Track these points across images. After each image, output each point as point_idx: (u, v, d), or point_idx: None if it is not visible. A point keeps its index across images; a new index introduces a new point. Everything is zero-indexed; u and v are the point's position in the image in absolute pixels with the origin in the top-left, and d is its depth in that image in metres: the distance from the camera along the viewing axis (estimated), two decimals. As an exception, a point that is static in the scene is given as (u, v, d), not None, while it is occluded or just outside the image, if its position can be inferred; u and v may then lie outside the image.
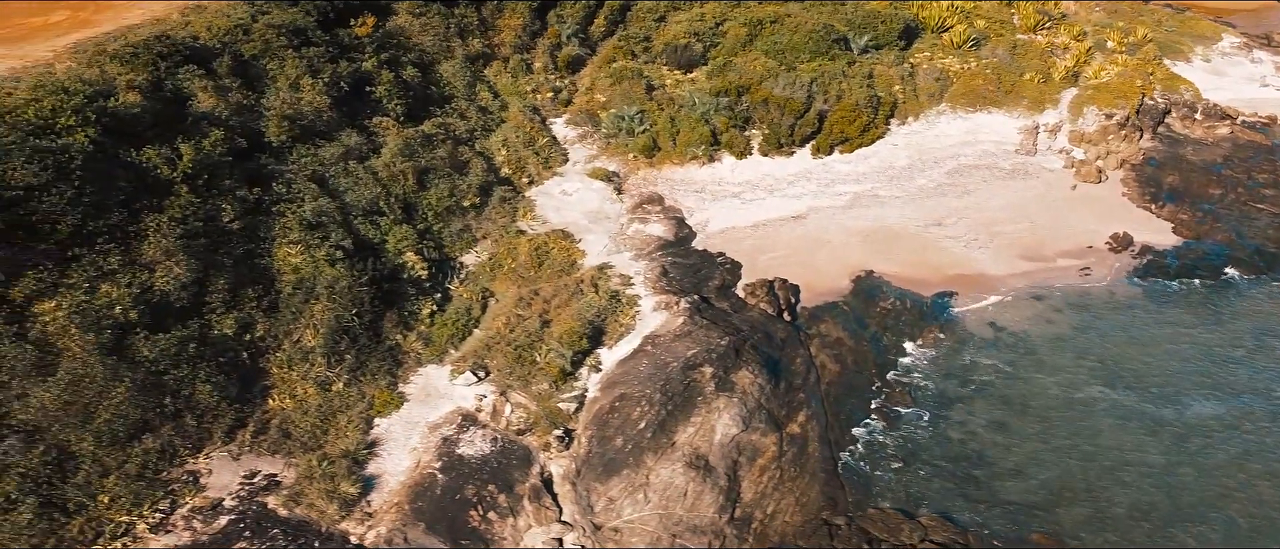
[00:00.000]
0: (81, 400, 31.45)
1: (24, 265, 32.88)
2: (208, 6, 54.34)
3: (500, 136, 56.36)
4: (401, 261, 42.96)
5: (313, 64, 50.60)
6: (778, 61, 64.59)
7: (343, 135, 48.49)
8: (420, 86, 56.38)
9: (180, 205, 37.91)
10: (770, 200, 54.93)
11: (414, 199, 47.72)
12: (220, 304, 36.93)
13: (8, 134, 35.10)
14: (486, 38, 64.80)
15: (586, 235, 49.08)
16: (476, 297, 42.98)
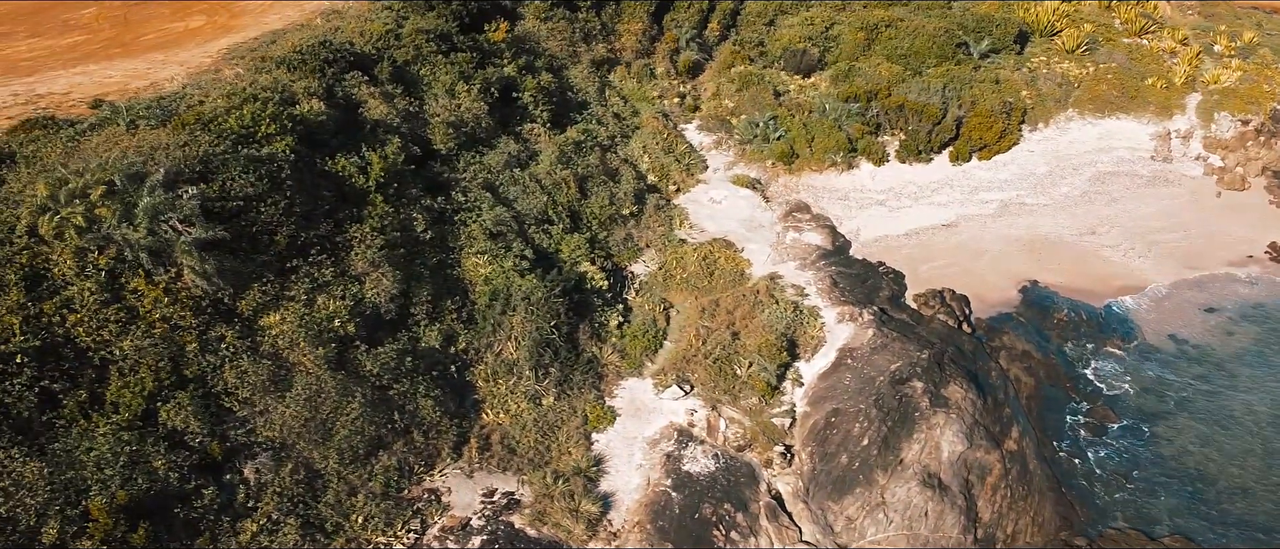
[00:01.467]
0: (319, 416, 30.75)
1: (249, 278, 32.16)
2: (345, 11, 53.72)
3: (639, 143, 55.60)
4: (581, 272, 42.11)
5: (463, 70, 49.86)
6: (903, 66, 63.74)
7: (502, 142, 47.75)
8: (559, 92, 55.57)
9: (378, 215, 37.20)
10: (917, 208, 54.09)
11: (578, 207, 46.98)
12: (424, 316, 36.23)
13: (217, 143, 34.37)
14: (609, 43, 64.10)
15: (747, 244, 48.29)
16: (657, 307, 42.19)
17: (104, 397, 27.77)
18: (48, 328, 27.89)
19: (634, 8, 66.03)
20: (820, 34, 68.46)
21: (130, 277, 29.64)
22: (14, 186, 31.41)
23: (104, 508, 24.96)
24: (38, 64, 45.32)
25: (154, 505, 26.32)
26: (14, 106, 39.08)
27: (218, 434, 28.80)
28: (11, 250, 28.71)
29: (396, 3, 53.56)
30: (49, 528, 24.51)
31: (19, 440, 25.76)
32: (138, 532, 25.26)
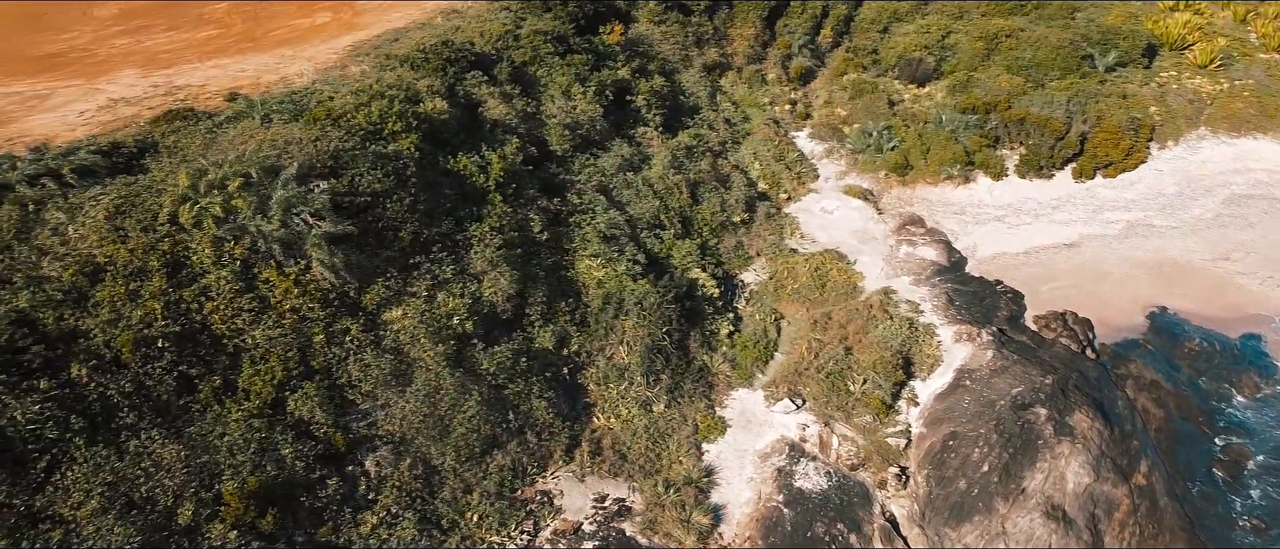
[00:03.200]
0: (438, 412, 31.04)
1: (374, 273, 32.69)
2: (465, 11, 54.40)
3: (750, 149, 55.02)
4: (692, 278, 41.77)
5: (579, 72, 50.00)
6: (1024, 78, 61.68)
7: (615, 145, 47.73)
8: (671, 96, 55.35)
9: (497, 215, 37.48)
10: (1036, 226, 52.21)
11: (689, 213, 46.68)
12: (538, 317, 36.34)
13: (347, 139, 35.02)
14: (720, 47, 63.67)
15: (859, 257, 47.28)
16: (768, 318, 41.57)
17: (237, 383, 28.51)
18: (186, 314, 28.77)
19: (746, 12, 65.46)
20: (936, 42, 66.74)
21: (263, 267, 30.39)
22: (157, 175, 32.53)
23: (236, 493, 25.59)
24: (175, 57, 47.03)
25: (281, 493, 26.89)
26: (155, 98, 40.59)
27: (341, 426, 29.32)
28: (154, 238, 29.69)
29: (515, 3, 54.11)
30: (184, 509, 25.23)
31: (158, 422, 26.60)
32: (266, 518, 25.83)
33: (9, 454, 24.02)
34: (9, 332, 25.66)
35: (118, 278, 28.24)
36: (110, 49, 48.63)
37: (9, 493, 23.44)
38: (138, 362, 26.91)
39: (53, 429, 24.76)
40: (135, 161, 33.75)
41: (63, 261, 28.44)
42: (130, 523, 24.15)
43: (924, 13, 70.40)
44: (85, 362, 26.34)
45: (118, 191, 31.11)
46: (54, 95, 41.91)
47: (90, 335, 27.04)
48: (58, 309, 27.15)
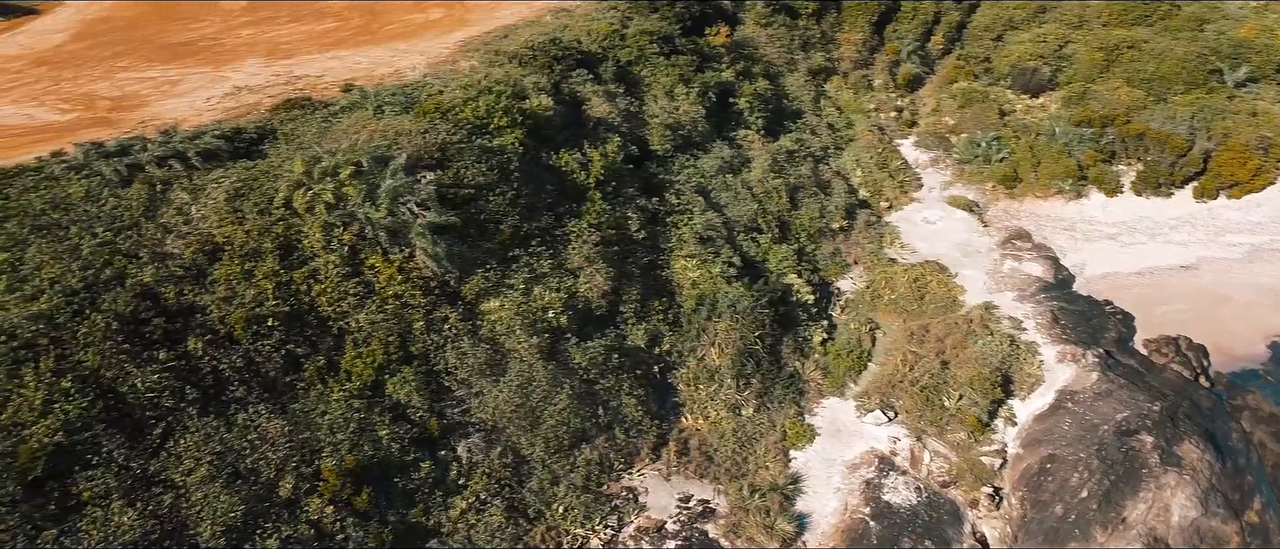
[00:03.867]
0: (529, 403, 31.55)
1: (474, 264, 33.40)
2: (573, 10, 55.04)
3: (852, 156, 54.30)
4: (788, 283, 41.46)
5: (683, 73, 50.10)
6: (1145, 91, 59.25)
7: (716, 147, 47.70)
8: (774, 99, 55.03)
9: (596, 211, 37.88)
10: (1152, 245, 50.17)
11: (788, 217, 46.34)
12: (632, 314, 36.60)
13: (454, 133, 35.85)
14: (827, 52, 62.97)
15: (961, 269, 46.17)
16: (863, 327, 40.97)
17: (339, 364, 29.55)
18: (295, 295, 29.95)
19: (855, 17, 64.61)
20: (1053, 52, 64.69)
21: (369, 253, 31.41)
22: (274, 161, 33.93)
23: (334, 469, 26.55)
24: (296, 47, 48.92)
25: (376, 473, 27.77)
26: (275, 86, 42.31)
27: (436, 411, 30.10)
28: (269, 220, 30.99)
29: (622, 3, 54.53)
30: (285, 483, 26.28)
31: (265, 398, 27.77)
32: (361, 495, 26.70)
33: (129, 420, 25.41)
34: (134, 304, 27.12)
35: (234, 257, 29.59)
36: (236, 39, 50.89)
37: (127, 456, 24.76)
38: (249, 338, 28.14)
39: (169, 398, 26.10)
40: (255, 147, 35.26)
41: (185, 240, 29.94)
42: (235, 492, 25.27)
43: (1041, 21, 68.25)
44: (201, 336, 27.67)
45: (238, 175, 32.59)
46: (184, 81, 44.11)
47: (206, 311, 28.39)
48: (179, 285, 28.58)
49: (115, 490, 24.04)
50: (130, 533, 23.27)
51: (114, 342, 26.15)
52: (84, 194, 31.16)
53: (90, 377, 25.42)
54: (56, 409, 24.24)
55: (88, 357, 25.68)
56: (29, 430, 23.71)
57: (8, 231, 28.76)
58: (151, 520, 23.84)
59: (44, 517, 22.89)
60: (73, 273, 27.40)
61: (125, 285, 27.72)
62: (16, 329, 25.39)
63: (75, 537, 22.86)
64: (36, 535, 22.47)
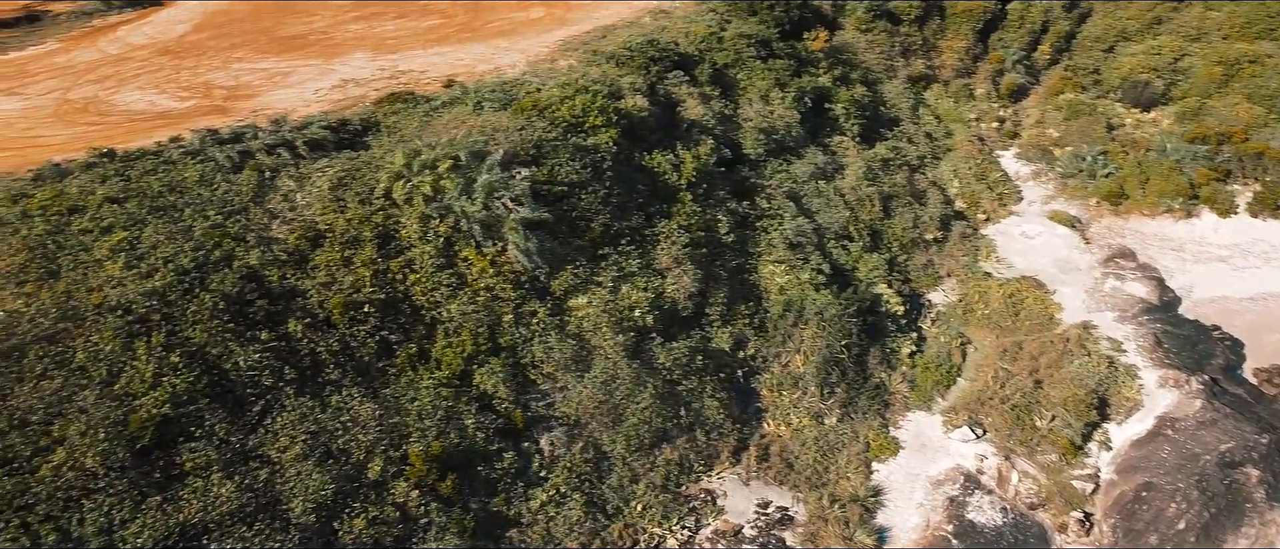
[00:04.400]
0: (612, 400, 31.85)
1: (564, 260, 33.86)
2: (672, 11, 55.26)
3: (950, 166, 53.22)
4: (877, 293, 40.91)
5: (779, 77, 49.88)
6: (1266, 109, 56.57)
7: (809, 152, 47.34)
8: (871, 106, 54.32)
9: (686, 213, 38.02)
10: (1266, 269, 47.83)
11: (880, 226, 45.70)
12: (718, 317, 36.63)
13: (550, 130, 36.41)
14: (928, 59, 61.89)
15: (1059, 286, 44.83)
16: (954, 341, 40.13)
17: (430, 353, 30.34)
18: (391, 284, 30.87)
19: (959, 24, 63.35)
20: (1167, 65, 62.30)
21: (463, 246, 32.16)
22: (376, 152, 35.03)
23: (421, 455, 27.27)
24: (401, 43, 50.32)
25: (461, 460, 28.40)
26: (380, 80, 43.63)
27: (521, 403, 30.64)
28: (370, 210, 32.02)
29: (721, 6, 54.58)
30: (374, 464, 27.09)
31: (358, 381, 28.69)
32: (446, 481, 27.36)
33: (231, 396, 26.57)
34: (240, 285, 28.35)
35: (335, 245, 30.66)
36: (345, 33, 52.60)
37: (228, 430, 25.89)
38: (345, 323, 29.12)
39: (268, 377, 27.19)
40: (359, 138, 36.45)
41: (289, 226, 31.15)
42: (326, 471, 26.18)
43: (1156, 33, 65.82)
44: (301, 319, 28.76)
45: (341, 165, 33.75)
46: (294, 73, 45.83)
47: (307, 295, 29.49)
48: (282, 269, 29.76)
49: (216, 463, 25.12)
50: (228, 504, 24.30)
51: (220, 320, 27.39)
52: (198, 178, 32.69)
53: (197, 353, 26.66)
54: (165, 382, 25.48)
55: (195, 333, 26.94)
56: (139, 401, 24.99)
57: (128, 211, 30.36)
58: (248, 493, 24.85)
59: (149, 484, 24.07)
60: (185, 253, 28.79)
61: (233, 267, 28.99)
62: (132, 305, 26.80)
63: (176, 505, 23.97)
64: (142, 501, 23.66)
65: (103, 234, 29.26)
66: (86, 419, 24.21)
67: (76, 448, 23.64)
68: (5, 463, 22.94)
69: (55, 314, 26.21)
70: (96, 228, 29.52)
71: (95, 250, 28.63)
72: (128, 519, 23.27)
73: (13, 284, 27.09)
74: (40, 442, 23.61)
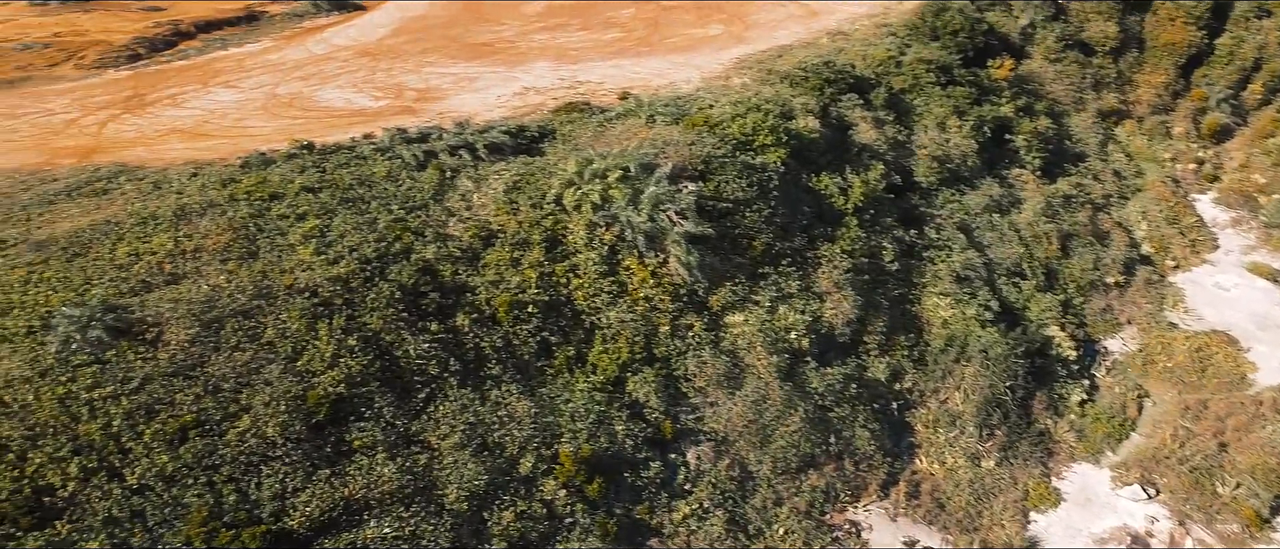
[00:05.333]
0: (762, 420, 31.73)
1: (723, 276, 34.03)
2: (851, 34, 54.56)
3: (1139, 207, 50.24)
4: (1048, 335, 39.08)
5: (958, 105, 48.38)
6: None
7: (985, 184, 45.72)
8: (1055, 139, 51.93)
9: (850, 238, 37.52)
10: None
11: (1056, 266, 43.63)
12: (875, 346, 35.91)
13: (719, 147, 36.68)
14: (1121, 93, 58.57)
15: (1254, 344, 41.50)
16: (1130, 393, 37.88)
17: (587, 357, 31.13)
18: (555, 287, 31.90)
19: (1159, 58, 59.73)
20: (1400, 112, 56.68)
21: (626, 255, 32.88)
22: (551, 159, 36.29)
23: (571, 456, 27.99)
24: (582, 54, 51.84)
25: (608, 465, 28.97)
26: (560, 89, 45.11)
27: (671, 415, 30.98)
28: (540, 214, 33.21)
29: (902, 31, 53.57)
30: (525, 460, 28.01)
31: (517, 379, 29.75)
32: (593, 484, 27.97)
33: (400, 381, 28.10)
34: (416, 277, 29.99)
35: (505, 245, 31.97)
36: (530, 43, 54.67)
37: (394, 414, 27.38)
38: (509, 321, 30.29)
39: (435, 367, 28.59)
40: (535, 144, 37.85)
41: (465, 224, 32.70)
42: (481, 462, 27.26)
43: (1389, 75, 60.00)
44: (469, 314, 30.14)
45: (517, 169, 35.17)
46: (480, 78, 48.02)
47: (475, 291, 30.85)
48: (455, 264, 31.27)
49: (381, 443, 26.59)
50: (389, 484, 25.67)
51: (395, 309, 29.04)
52: (386, 174, 34.80)
53: (372, 338, 28.34)
54: (342, 363, 27.22)
55: (372, 320, 28.65)
56: (318, 378, 26.79)
57: (321, 201, 32.63)
58: (408, 475, 26.17)
59: (320, 457, 25.74)
60: (369, 243, 30.70)
61: (410, 260, 30.69)
62: (319, 288, 28.79)
63: (343, 479, 25.52)
64: (313, 472, 25.32)
65: (298, 221, 31.56)
66: (271, 391, 26.12)
67: (260, 417, 25.54)
68: (198, 424, 24.99)
69: (251, 291, 28.44)
70: (293, 214, 31.87)
71: (290, 235, 30.90)
72: (299, 488, 24.93)
73: (217, 261, 29.58)
74: (229, 408, 25.63)
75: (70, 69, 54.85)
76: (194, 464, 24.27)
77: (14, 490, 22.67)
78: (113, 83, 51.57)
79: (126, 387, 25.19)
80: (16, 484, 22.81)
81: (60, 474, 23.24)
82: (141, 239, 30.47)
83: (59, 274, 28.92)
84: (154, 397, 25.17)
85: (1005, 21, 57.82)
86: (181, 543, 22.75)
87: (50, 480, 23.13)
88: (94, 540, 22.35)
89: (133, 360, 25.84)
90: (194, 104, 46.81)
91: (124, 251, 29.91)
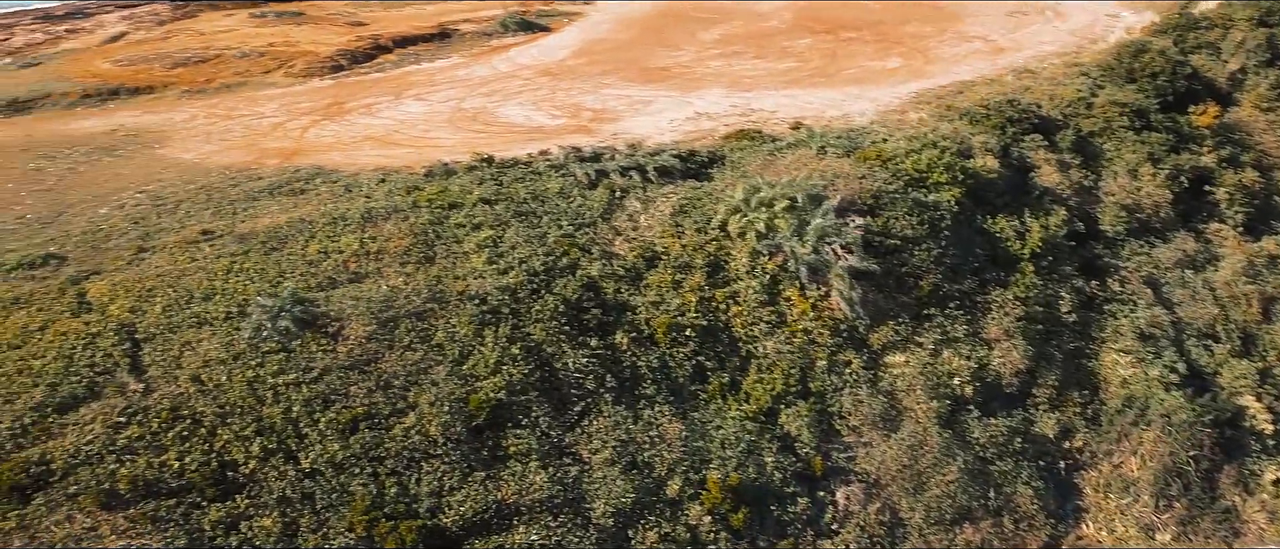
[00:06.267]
0: (917, 466, 30.79)
1: (886, 315, 33.29)
2: (1038, 72, 52.59)
3: (1357, 274, 45.70)
4: (1241, 405, 36.14)
5: (1153, 152, 45.63)
6: None
7: (1178, 237, 42.87)
8: (1262, 195, 48.12)
9: (1025, 284, 36.01)
10: None
11: (1256, 331, 40.32)
12: (1045, 400, 34.23)
13: (891, 182, 35.97)
14: (1344, 148, 53.62)
15: None
16: (1334, 476, 34.44)
17: (741, 385, 31.07)
18: (714, 312, 32.06)
19: (1393, 112, 54.35)
20: None
21: (787, 285, 32.72)
22: (718, 184, 36.60)
23: (718, 483, 27.96)
24: (756, 82, 52.03)
25: (754, 496, 28.75)
26: (732, 116, 45.41)
27: (823, 451, 30.48)
28: (704, 239, 33.51)
29: (1095, 71, 51.20)
30: (673, 483, 28.17)
31: (670, 401, 30.00)
32: (738, 513, 27.84)
33: (557, 393, 28.87)
34: (580, 293, 30.83)
35: (668, 267, 32.43)
36: (705, 69, 55.30)
37: (550, 424, 28.13)
38: (667, 343, 30.63)
39: (592, 382, 29.22)
40: (704, 169, 38.27)
41: (630, 244, 33.39)
42: (629, 480, 27.60)
43: None
44: (628, 332, 30.68)
45: (684, 193, 35.66)
46: (654, 102, 48.92)
47: (635, 311, 31.39)
48: (617, 283, 31.94)
49: (535, 452, 27.34)
50: (539, 492, 26.36)
51: (558, 322, 29.90)
52: (558, 190, 35.97)
53: (534, 348, 29.26)
54: (504, 370, 28.22)
55: (536, 331, 29.59)
56: (481, 383, 27.86)
57: (496, 213, 34.03)
58: (558, 486, 26.79)
59: (477, 459, 26.71)
60: (537, 256, 31.79)
61: (576, 275, 31.57)
62: (488, 296, 30.02)
63: (497, 483, 26.38)
64: (469, 473, 26.30)
65: (473, 230, 33.03)
66: (436, 391, 27.34)
67: (425, 415, 26.76)
68: (368, 417, 26.42)
69: (425, 295, 29.93)
70: (469, 224, 33.38)
71: (465, 243, 32.37)
72: (455, 487, 25.94)
73: (397, 263, 31.30)
74: (397, 404, 26.99)
75: (280, 76, 59.37)
76: (361, 454, 25.64)
77: (203, 462, 24.54)
78: (316, 91, 55.48)
79: (307, 375, 26.94)
80: (206, 457, 24.70)
81: (243, 452, 25.01)
82: (331, 238, 32.60)
83: (257, 266, 31.29)
84: (331, 387, 26.80)
85: (1212, 66, 54.24)
86: (345, 528, 24.05)
87: (234, 456, 24.93)
88: (267, 517, 23.93)
89: (315, 351, 27.63)
90: (386, 114, 49.72)
91: (315, 249, 32.09)
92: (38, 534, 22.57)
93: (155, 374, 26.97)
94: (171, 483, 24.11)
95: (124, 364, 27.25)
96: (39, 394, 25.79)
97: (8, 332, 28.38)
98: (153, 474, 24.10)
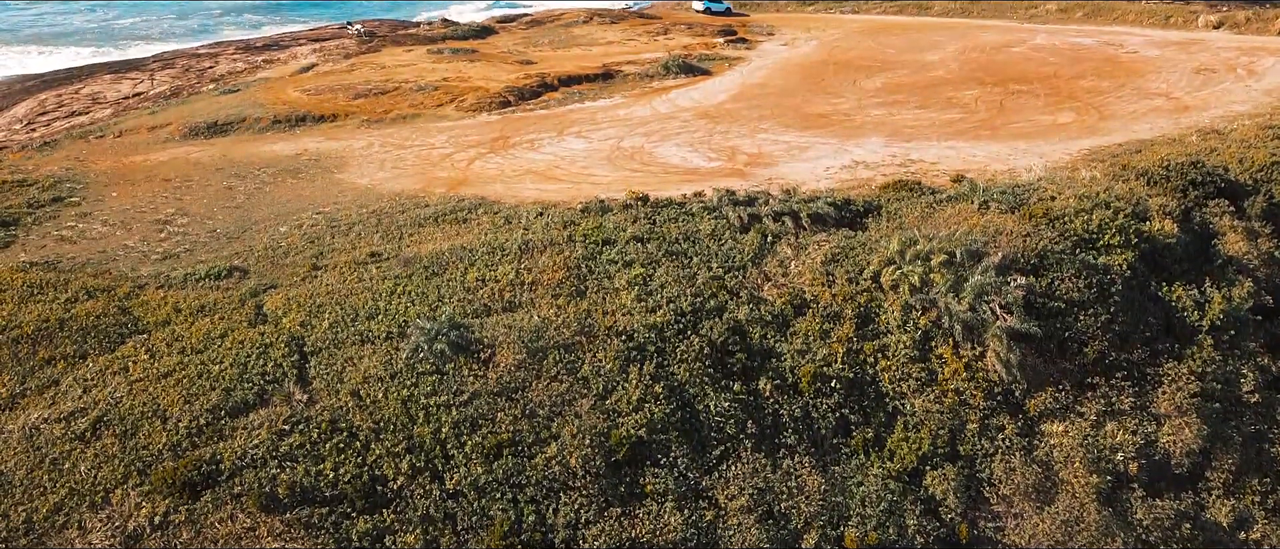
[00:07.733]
0: (1072, 544, 28.99)
1: (1045, 380, 31.70)
2: (1227, 133, 49.37)
3: None
4: None
5: (1358, 223, 41.85)
6: None
7: (1384, 319, 39.02)
8: None
9: (1201, 359, 33.53)
10: None
11: None
12: (1220, 485, 31.64)
13: (1058, 242, 34.43)
14: None
15: None
16: None
17: (885, 442, 30.21)
18: (861, 364, 31.32)
19: None
20: None
21: (940, 343, 31.66)
22: (872, 234, 35.90)
23: (857, 541, 27.21)
24: (917, 132, 50.94)
25: (894, 558, 27.78)
26: (890, 166, 44.55)
27: (969, 518, 29.22)
28: (856, 289, 32.88)
29: (1293, 134, 47.55)
30: (809, 536, 27.58)
31: (811, 452, 29.46)
32: (876, 575, 26.94)
33: (697, 435, 28.82)
34: (726, 336, 30.78)
35: (816, 316, 31.96)
36: (865, 117, 54.56)
37: (688, 465, 28.09)
38: (811, 393, 30.14)
39: (732, 427, 29.04)
40: (859, 218, 37.62)
41: (779, 290, 33.11)
42: (764, 529, 27.20)
43: None
44: (772, 379, 30.36)
45: (837, 242, 35.15)
46: (811, 149, 48.58)
47: (781, 358, 31.05)
48: (764, 328, 31.71)
49: (671, 492, 27.34)
50: (673, 533, 26.31)
51: (702, 364, 29.93)
52: (710, 232, 36.13)
53: (677, 389, 29.36)
54: (646, 408, 28.42)
55: (680, 371, 29.71)
56: (623, 419, 28.14)
57: (648, 251, 34.48)
58: (692, 529, 26.67)
59: (614, 495, 26.92)
60: (686, 297, 31.98)
61: (722, 318, 31.56)
62: (635, 333, 30.37)
63: (632, 520, 26.50)
64: (605, 508, 26.53)
65: (624, 267, 33.56)
66: (579, 423, 27.80)
67: (567, 446, 27.23)
68: (512, 443, 27.09)
69: (575, 327, 30.55)
70: (621, 260, 33.94)
71: (616, 279, 32.92)
72: (591, 521, 26.21)
73: (549, 295, 32.12)
74: (541, 433, 27.57)
75: (452, 110, 62.29)
76: (503, 480, 26.28)
77: (356, 475, 25.72)
78: (484, 125, 57.88)
79: (458, 398, 27.92)
80: (359, 470, 25.88)
81: (393, 468, 26.08)
82: (489, 267, 33.82)
83: (418, 289, 32.77)
84: (479, 412, 27.66)
85: None
86: (483, 550, 24.69)
87: (385, 471, 26.01)
88: (411, 534, 24.81)
89: (466, 376, 28.61)
90: (548, 149, 51.33)
91: (473, 276, 33.34)
92: (204, 530, 24.14)
93: (319, 386, 28.54)
94: (325, 492, 25.36)
95: (292, 375, 28.97)
96: (215, 397, 27.73)
97: (194, 336, 30.70)
98: (309, 482, 25.43)
